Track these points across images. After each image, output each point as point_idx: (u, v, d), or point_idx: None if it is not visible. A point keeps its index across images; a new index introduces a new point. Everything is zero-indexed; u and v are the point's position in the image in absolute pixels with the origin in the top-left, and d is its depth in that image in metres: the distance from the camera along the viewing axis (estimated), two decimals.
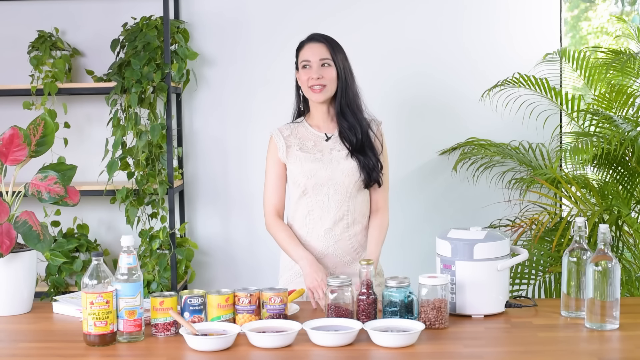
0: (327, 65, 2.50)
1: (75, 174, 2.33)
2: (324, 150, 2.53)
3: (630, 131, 3.02)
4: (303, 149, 2.54)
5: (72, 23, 3.73)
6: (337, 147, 2.53)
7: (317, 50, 2.52)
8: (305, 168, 2.51)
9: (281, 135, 2.57)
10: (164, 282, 3.46)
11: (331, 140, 2.55)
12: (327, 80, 2.49)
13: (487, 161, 3.46)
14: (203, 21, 3.72)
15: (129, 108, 3.44)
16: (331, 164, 2.50)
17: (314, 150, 2.54)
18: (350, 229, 2.52)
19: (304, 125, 2.59)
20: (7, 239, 2.14)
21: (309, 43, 2.55)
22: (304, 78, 2.52)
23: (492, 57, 3.66)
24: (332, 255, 2.51)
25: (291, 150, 2.54)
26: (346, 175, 2.49)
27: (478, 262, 2.09)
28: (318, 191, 2.49)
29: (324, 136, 2.56)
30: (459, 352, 1.85)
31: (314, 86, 2.49)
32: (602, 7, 4.07)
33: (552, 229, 3.18)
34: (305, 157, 2.52)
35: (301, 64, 2.54)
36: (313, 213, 2.51)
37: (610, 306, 1.96)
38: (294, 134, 2.58)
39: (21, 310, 2.25)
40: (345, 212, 2.51)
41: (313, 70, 2.49)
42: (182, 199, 3.77)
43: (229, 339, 1.86)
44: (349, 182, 2.50)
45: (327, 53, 2.51)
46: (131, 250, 1.94)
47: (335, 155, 2.52)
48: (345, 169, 2.50)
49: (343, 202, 2.50)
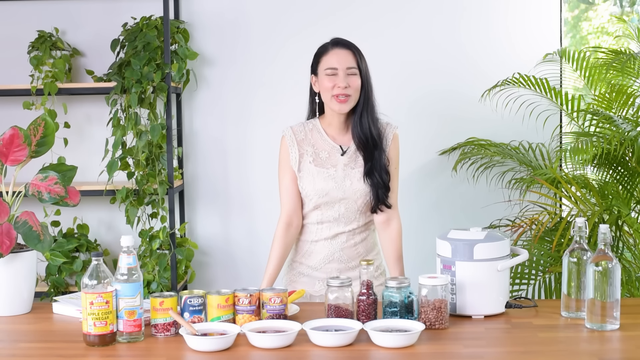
0: (354, 75, 2.41)
1: (75, 174, 2.33)
2: (338, 166, 2.47)
3: (630, 131, 3.02)
4: (317, 162, 2.47)
5: (72, 23, 3.73)
6: (352, 163, 2.47)
7: (343, 58, 2.42)
8: (318, 186, 2.46)
9: (294, 139, 2.49)
10: (164, 282, 3.46)
11: (346, 155, 2.48)
12: (353, 90, 2.41)
13: (487, 161, 3.46)
14: (203, 21, 3.72)
15: (129, 108, 3.44)
16: (344, 182, 2.46)
17: (328, 164, 2.47)
18: (356, 237, 2.52)
19: (318, 130, 2.51)
20: (7, 239, 2.13)
21: (335, 49, 2.44)
22: (327, 85, 2.41)
23: (492, 57, 3.66)
24: (337, 260, 2.51)
25: (304, 161, 2.48)
26: (359, 197, 2.47)
27: (478, 263, 2.09)
28: (330, 207, 2.48)
29: (340, 149, 2.49)
30: (459, 353, 1.85)
31: (340, 95, 2.40)
32: (602, 8, 4.07)
33: (552, 229, 3.18)
34: (319, 172, 2.46)
35: (325, 71, 2.42)
36: (322, 224, 2.51)
37: (611, 306, 1.96)
38: (307, 138, 2.50)
39: (21, 311, 2.25)
40: (353, 225, 2.51)
41: (340, 79, 2.39)
42: (182, 199, 3.77)
43: (228, 339, 1.86)
44: (362, 203, 2.48)
45: (354, 61, 2.42)
46: (131, 250, 1.94)
47: (349, 174, 2.46)
48: (358, 188, 2.46)
49: (352, 218, 2.49)
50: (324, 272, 2.51)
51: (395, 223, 2.55)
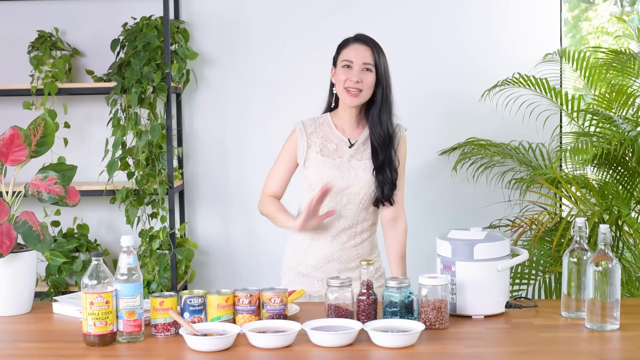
0: (368, 71, 2.44)
1: (75, 174, 2.33)
2: (344, 157, 2.49)
3: (630, 131, 3.02)
4: (323, 152, 2.49)
5: (72, 23, 3.73)
6: (358, 155, 2.49)
7: (361, 53, 2.45)
8: (323, 174, 2.47)
9: (304, 131, 2.52)
10: (164, 282, 3.46)
11: (354, 148, 2.50)
12: (365, 86, 2.43)
13: (487, 161, 3.46)
14: (203, 21, 3.72)
15: (129, 108, 3.44)
16: (349, 173, 2.47)
17: (334, 155, 2.49)
18: (357, 237, 2.52)
19: (328, 124, 2.54)
20: (7, 239, 2.13)
21: (355, 43, 2.48)
22: (342, 77, 2.44)
23: (492, 57, 3.66)
24: (337, 260, 2.51)
25: (311, 151, 2.50)
26: (362, 187, 2.47)
27: (478, 263, 2.09)
28: (332, 198, 2.47)
29: (348, 142, 2.51)
30: (459, 353, 1.85)
31: (351, 89, 2.43)
32: (602, 8, 4.07)
33: (552, 229, 3.18)
34: (324, 162, 2.48)
35: (342, 63, 2.46)
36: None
37: (611, 306, 1.96)
38: (317, 131, 2.52)
39: (21, 311, 2.25)
40: (355, 222, 2.51)
41: (353, 73, 2.43)
42: (182, 199, 3.77)
43: (228, 339, 1.86)
44: (365, 194, 2.48)
45: (372, 58, 2.45)
46: (131, 250, 1.94)
47: (354, 164, 2.48)
48: (362, 179, 2.47)
49: (354, 212, 2.49)
50: (323, 272, 2.51)
51: (402, 222, 2.57)
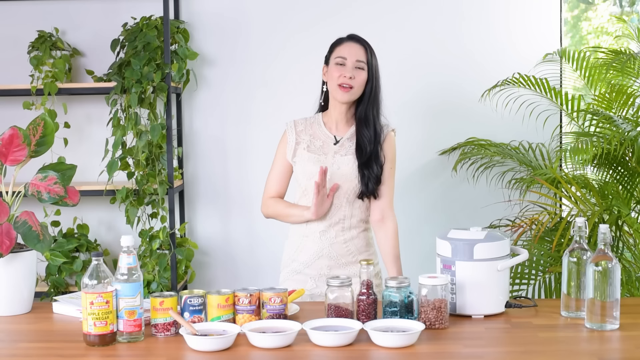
0: (361, 69, 2.50)
1: (75, 174, 2.33)
2: (329, 153, 2.54)
3: (630, 131, 3.02)
4: (310, 148, 2.55)
5: (72, 23, 3.73)
6: (342, 151, 2.54)
7: (354, 51, 2.51)
8: (307, 169, 2.53)
9: (294, 129, 2.59)
10: (164, 282, 3.46)
11: (338, 144, 2.56)
12: (357, 83, 2.49)
13: (487, 161, 3.46)
14: (203, 21, 3.72)
15: (129, 108, 3.44)
16: (331, 167, 2.51)
17: (320, 151, 2.55)
18: (346, 233, 2.53)
19: (318, 123, 2.60)
20: (7, 239, 2.13)
21: (349, 42, 2.54)
22: (335, 74, 2.50)
23: (492, 57, 3.66)
24: (326, 257, 2.53)
25: (299, 148, 2.56)
26: (345, 181, 2.51)
27: (478, 262, 2.09)
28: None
29: (334, 139, 2.56)
30: (459, 352, 1.85)
31: (343, 84, 2.48)
32: (602, 8, 4.07)
33: (552, 229, 3.18)
34: (310, 157, 2.54)
35: (335, 60, 2.51)
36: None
37: (611, 306, 1.96)
38: (307, 129, 2.59)
39: (21, 311, 2.25)
40: (342, 217, 2.53)
41: (347, 69, 2.48)
42: (182, 199, 3.77)
43: (228, 339, 1.86)
44: (348, 188, 2.51)
45: (364, 56, 2.51)
46: (131, 250, 1.94)
47: (337, 160, 2.53)
48: (344, 174, 2.51)
49: (340, 207, 2.52)
50: (314, 268, 2.54)
51: (390, 222, 2.57)
